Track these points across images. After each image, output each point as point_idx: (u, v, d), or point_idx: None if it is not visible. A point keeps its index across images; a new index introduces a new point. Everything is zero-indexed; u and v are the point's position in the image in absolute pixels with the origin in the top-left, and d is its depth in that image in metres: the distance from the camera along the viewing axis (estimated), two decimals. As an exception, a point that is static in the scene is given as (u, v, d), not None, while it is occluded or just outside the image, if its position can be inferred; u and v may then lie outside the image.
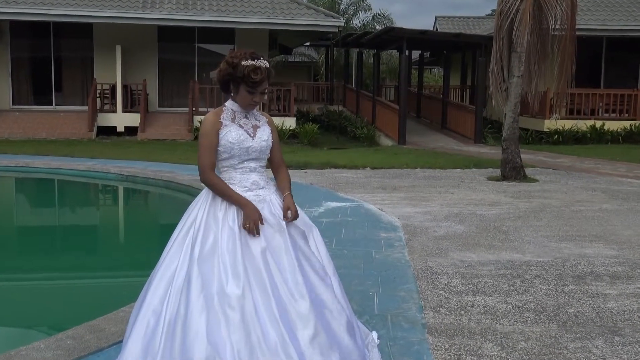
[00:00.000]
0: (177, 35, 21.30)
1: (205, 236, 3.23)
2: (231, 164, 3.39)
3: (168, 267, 3.26)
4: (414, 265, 5.76)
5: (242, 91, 3.33)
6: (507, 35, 11.61)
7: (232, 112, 3.42)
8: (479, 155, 15.81)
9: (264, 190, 3.44)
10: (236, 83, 3.33)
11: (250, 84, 3.29)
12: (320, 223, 7.57)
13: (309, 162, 13.48)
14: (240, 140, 3.35)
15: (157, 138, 18.86)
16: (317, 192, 9.92)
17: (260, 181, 3.44)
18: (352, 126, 21.71)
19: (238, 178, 3.40)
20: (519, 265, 5.85)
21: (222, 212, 3.29)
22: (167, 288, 3.21)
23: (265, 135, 3.45)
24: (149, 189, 11.68)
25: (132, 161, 13.46)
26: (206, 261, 3.16)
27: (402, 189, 10.40)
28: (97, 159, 13.78)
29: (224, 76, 3.35)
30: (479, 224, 7.68)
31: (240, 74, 3.28)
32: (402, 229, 7.32)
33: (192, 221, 3.33)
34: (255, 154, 3.42)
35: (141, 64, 21.08)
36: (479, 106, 19.76)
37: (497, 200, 9.52)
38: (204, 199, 3.38)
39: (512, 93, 11.62)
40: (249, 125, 3.43)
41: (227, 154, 3.37)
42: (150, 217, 10.25)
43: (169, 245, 3.33)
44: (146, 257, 6.71)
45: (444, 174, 12.42)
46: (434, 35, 24.00)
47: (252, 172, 3.43)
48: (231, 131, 3.36)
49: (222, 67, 3.35)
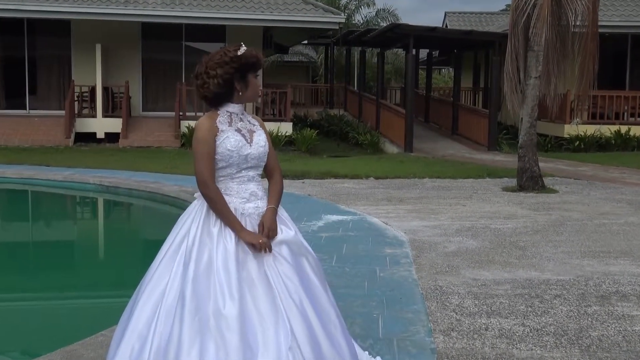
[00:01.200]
0: (162, 33, 21.35)
1: (200, 254, 3.22)
2: (228, 174, 3.39)
3: (156, 285, 3.24)
4: (422, 285, 5.75)
5: (251, 80, 3.38)
6: (523, 33, 11.65)
7: (229, 115, 3.40)
8: (493, 164, 15.82)
9: (262, 202, 3.44)
10: (244, 75, 3.35)
11: (258, 65, 3.36)
12: (319, 238, 7.56)
13: (307, 172, 13.48)
14: (239, 147, 3.35)
15: (140, 145, 18.86)
16: (316, 205, 9.92)
17: (258, 191, 3.44)
18: (354, 132, 21.74)
19: (235, 189, 3.39)
20: (537, 284, 5.84)
21: (217, 228, 3.29)
22: (155, 309, 3.19)
23: (262, 140, 3.45)
24: (132, 201, 11.67)
25: (114, 170, 13.46)
26: (202, 281, 3.16)
27: (409, 201, 10.40)
28: (75, 168, 13.78)
29: (226, 78, 3.31)
30: (493, 239, 7.67)
31: (252, 58, 3.33)
32: (409, 245, 7.31)
33: (184, 235, 3.31)
34: (253, 161, 3.42)
35: (123, 64, 21.11)
36: (493, 110, 19.80)
37: (513, 212, 9.52)
38: (197, 211, 3.36)
39: (529, 96, 11.64)
40: (246, 129, 3.43)
41: (224, 163, 3.36)
42: (133, 232, 10.24)
43: (157, 261, 3.32)
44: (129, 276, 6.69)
45: (454, 184, 12.42)
46: (444, 32, 24.07)
47: (250, 181, 3.43)
48: (229, 137, 3.34)
49: (216, 75, 3.30)
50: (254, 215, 3.37)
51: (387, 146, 20.52)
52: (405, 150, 18.78)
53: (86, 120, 19.72)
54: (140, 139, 19.13)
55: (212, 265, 3.19)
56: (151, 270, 3.33)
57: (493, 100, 19.95)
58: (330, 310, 3.34)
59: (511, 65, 11.76)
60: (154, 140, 19.11)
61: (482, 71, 27.39)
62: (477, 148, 19.97)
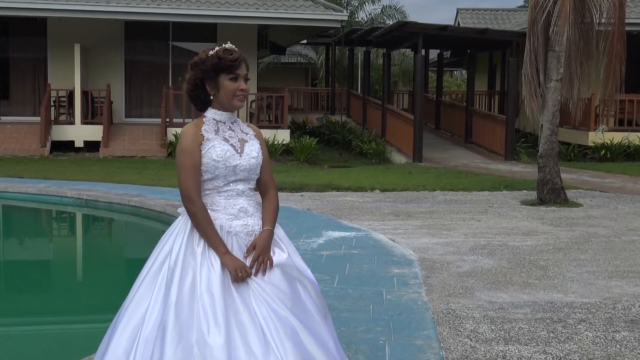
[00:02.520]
0: (147, 32, 21.41)
1: (183, 276, 3.21)
2: (215, 187, 3.38)
3: (136, 310, 3.23)
4: (433, 308, 5.73)
5: (224, 82, 3.35)
6: (543, 31, 11.67)
7: (215, 123, 3.41)
8: (510, 175, 15.82)
9: (253, 219, 3.42)
10: (214, 78, 3.35)
11: (229, 66, 3.31)
12: (319, 257, 7.55)
13: (307, 184, 13.48)
14: (226, 158, 3.34)
15: (123, 155, 18.88)
16: (316, 220, 9.91)
17: (249, 207, 3.42)
18: (357, 140, 21.76)
19: (223, 204, 3.38)
20: (560, 307, 5.82)
21: (201, 247, 3.27)
22: (134, 336, 3.18)
23: (254, 150, 3.44)
24: (113, 216, 11.66)
25: (93, 183, 13.46)
26: (185, 306, 3.14)
27: (419, 216, 10.40)
28: (51, 180, 13.78)
29: (195, 80, 3.37)
30: (511, 258, 7.66)
31: (214, 59, 3.31)
32: (418, 264, 7.30)
33: (165, 255, 3.30)
34: (243, 173, 3.40)
35: (104, 66, 21.17)
36: (510, 116, 19.82)
37: (533, 228, 9.51)
38: (180, 228, 3.36)
39: (550, 100, 11.65)
40: (235, 138, 3.42)
41: (210, 174, 3.35)
42: (114, 251, 10.22)
43: (137, 284, 3.31)
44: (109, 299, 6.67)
45: (468, 198, 12.42)
46: (456, 31, 24.14)
47: (240, 196, 3.41)
48: (215, 146, 3.34)
49: (189, 75, 3.39)
50: (242, 234, 3.36)
51: (394, 156, 20.53)
52: (414, 160, 18.79)
53: (63, 127, 19.74)
54: (122, 148, 19.14)
55: (196, 288, 3.17)
56: (131, 293, 3.32)
57: (510, 105, 19.97)
58: (328, 340, 3.31)
59: (530, 67, 11.77)
60: (137, 149, 19.13)
61: (498, 73, 27.44)
62: (493, 157, 19.98)
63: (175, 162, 3.40)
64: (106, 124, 19.28)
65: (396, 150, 20.63)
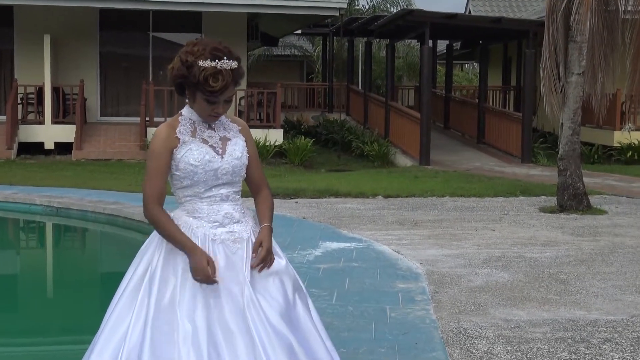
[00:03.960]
0: (125, 22, 21.41)
1: (162, 291, 3.22)
2: (195, 193, 3.39)
3: (115, 329, 3.24)
4: (442, 327, 5.74)
5: (199, 100, 3.34)
6: (563, 20, 11.69)
7: (192, 123, 3.42)
8: (527, 179, 15.84)
9: (240, 225, 3.43)
10: (191, 89, 3.34)
11: (209, 92, 3.29)
12: (316, 270, 7.55)
13: (302, 189, 13.48)
14: (205, 161, 3.35)
15: (98, 158, 18.87)
16: (312, 229, 9.91)
17: (235, 213, 3.44)
18: (358, 141, 21.78)
19: (205, 210, 3.39)
20: (582, 325, 5.83)
21: (183, 258, 3.29)
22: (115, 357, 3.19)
23: (238, 150, 3.45)
24: (87, 225, 11.65)
25: (65, 189, 13.44)
26: (160, 325, 3.15)
27: (426, 225, 10.40)
28: (18, 186, 13.77)
29: (175, 78, 3.36)
30: (528, 271, 7.66)
31: (195, 78, 3.27)
32: (425, 278, 7.30)
33: (145, 268, 3.32)
34: (226, 177, 3.41)
35: (77, 59, 21.14)
36: (527, 114, 19.85)
37: (553, 238, 9.52)
38: (161, 238, 3.38)
39: (571, 96, 11.67)
40: (216, 138, 3.44)
41: (188, 180, 3.37)
42: (89, 265, 10.22)
43: (115, 301, 3.32)
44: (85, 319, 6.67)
45: (481, 204, 12.43)
46: (467, 19, 24.18)
47: (224, 201, 3.43)
48: (192, 149, 3.36)
49: (175, 64, 3.36)
50: (229, 241, 3.38)
51: (398, 158, 20.54)
52: (421, 162, 18.80)
53: (32, 127, 19.73)
54: (97, 150, 19.13)
55: (175, 305, 3.19)
56: (109, 311, 3.33)
57: (527, 102, 20.00)
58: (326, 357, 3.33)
59: (549, 60, 11.79)
60: (114, 151, 19.12)
61: (514, 67, 27.47)
62: (508, 160, 20.00)
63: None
64: (79, 123, 19.26)
65: (401, 152, 20.65)
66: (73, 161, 18.63)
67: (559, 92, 11.78)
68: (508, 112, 23.06)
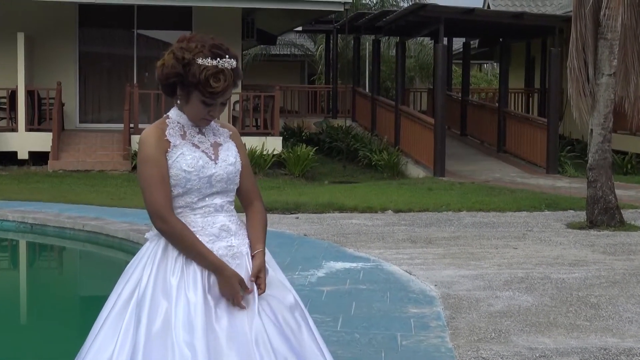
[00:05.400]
0: (106, 18, 21.46)
1: (152, 313, 3.22)
2: (187, 203, 3.40)
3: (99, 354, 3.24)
4: (459, 356, 5.73)
5: (195, 101, 3.36)
6: (592, 15, 11.70)
7: (180, 127, 3.44)
8: (553, 191, 15.83)
9: (237, 239, 3.44)
10: (187, 89, 3.35)
11: (208, 94, 3.31)
12: (319, 293, 7.54)
13: (303, 203, 13.48)
14: (198, 167, 3.37)
15: (77, 169, 18.87)
16: (315, 247, 9.90)
17: (231, 225, 3.45)
18: (365, 149, 21.79)
19: (200, 223, 3.40)
20: (615, 354, 5.82)
21: (177, 277, 3.29)
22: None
23: (231, 155, 3.47)
24: (65, 244, 11.64)
25: (41, 203, 13.45)
26: (153, 354, 3.15)
27: (441, 242, 10.40)
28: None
29: (168, 76, 3.37)
30: (555, 294, 7.65)
31: (194, 78, 3.29)
32: (440, 302, 7.29)
33: (132, 290, 3.31)
34: (220, 185, 3.43)
35: (54, 60, 21.18)
36: (553, 119, 19.85)
37: (582, 257, 9.51)
38: (149, 257, 3.37)
39: (602, 99, 11.67)
40: (207, 143, 3.45)
41: (180, 189, 3.38)
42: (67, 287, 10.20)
43: (98, 326, 3.31)
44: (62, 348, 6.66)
45: (502, 219, 12.42)
46: (485, 15, 24.21)
47: (219, 212, 3.44)
48: (185, 154, 3.37)
49: (168, 61, 3.36)
50: (227, 257, 3.38)
51: (410, 168, 20.55)
52: (435, 173, 18.80)
53: (3, 135, 19.74)
54: (76, 160, 19.13)
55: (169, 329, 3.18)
56: (90, 337, 3.33)
57: (552, 106, 20.00)
58: None
59: (577, 59, 11.79)
60: (95, 161, 19.12)
61: (538, 67, 27.49)
62: (532, 170, 19.99)
63: (138, 175, 3.42)
64: (56, 130, 19.26)
65: (413, 162, 20.65)
66: (49, 172, 18.63)
67: (587, 94, 11.77)
68: (531, 118, 23.06)
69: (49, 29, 20.99)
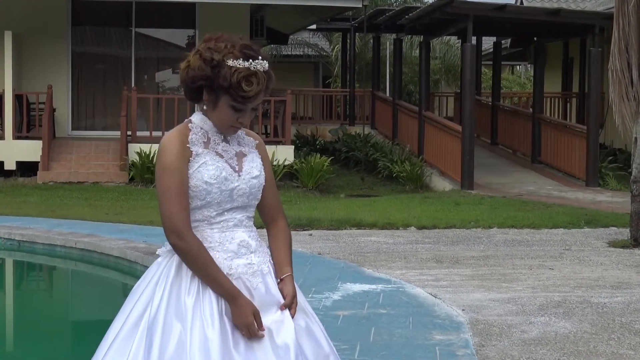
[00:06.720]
0: (102, 16, 21.53)
1: (165, 337, 3.23)
2: (205, 217, 3.42)
3: None
4: (489, 388, 5.71)
5: (224, 106, 3.37)
6: (636, 12, 11.68)
7: (204, 133, 3.45)
8: (593, 206, 15.79)
9: (257, 256, 3.45)
10: (215, 93, 3.36)
11: (240, 98, 3.32)
12: (334, 318, 7.53)
13: (317, 219, 13.49)
14: (221, 179, 3.38)
15: (69, 180, 18.92)
16: (330, 268, 9.90)
17: (251, 241, 3.46)
18: (385, 159, 21.79)
19: (217, 238, 3.41)
20: (663, 387, 5.79)
21: (192, 298, 3.29)
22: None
23: (255, 168, 3.48)
24: (55, 262, 11.67)
25: (30, 218, 13.50)
26: None
27: (469, 262, 10.38)
28: (-28, 214, 13.84)
29: (195, 79, 3.37)
30: (595, 319, 7.62)
31: (225, 81, 3.30)
32: (469, 328, 7.28)
33: (142, 310, 3.32)
34: (241, 199, 3.44)
35: (45, 61, 21.26)
36: (593, 126, 19.80)
37: (626, 279, 9.47)
38: (161, 274, 3.38)
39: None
40: (231, 153, 3.47)
41: (199, 201, 3.39)
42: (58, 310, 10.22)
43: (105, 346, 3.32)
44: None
45: (537, 237, 12.39)
46: (518, 11, 24.20)
47: (238, 227, 3.45)
48: (207, 163, 3.38)
49: (194, 63, 3.37)
50: (247, 275, 3.38)
51: (435, 180, 20.53)
52: (463, 186, 18.78)
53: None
54: (68, 172, 19.18)
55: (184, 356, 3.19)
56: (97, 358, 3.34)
57: (592, 112, 19.96)
58: None
59: (619, 60, 11.78)
60: (88, 172, 19.16)
61: (576, 69, 27.46)
62: (570, 183, 19.95)
63: (156, 184, 3.43)
64: (47, 138, 19.31)
65: (438, 174, 20.64)
66: (39, 184, 18.68)
67: (631, 99, 11.75)
68: (569, 125, 23.02)
69: (39, 27, 21.05)
